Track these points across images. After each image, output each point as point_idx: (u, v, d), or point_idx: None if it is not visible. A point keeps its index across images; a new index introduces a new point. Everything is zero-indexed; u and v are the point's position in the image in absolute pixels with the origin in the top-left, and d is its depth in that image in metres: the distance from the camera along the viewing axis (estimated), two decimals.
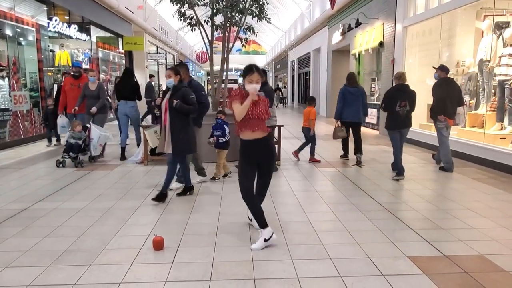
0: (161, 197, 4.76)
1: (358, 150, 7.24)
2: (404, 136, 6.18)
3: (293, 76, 29.14)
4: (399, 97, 6.01)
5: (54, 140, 9.40)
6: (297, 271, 2.96)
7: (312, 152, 7.40)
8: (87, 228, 3.87)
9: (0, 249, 3.39)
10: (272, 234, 3.43)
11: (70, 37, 12.45)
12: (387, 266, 3.05)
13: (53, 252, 3.32)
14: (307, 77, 24.61)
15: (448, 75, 6.57)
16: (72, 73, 8.10)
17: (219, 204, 4.68)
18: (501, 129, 7.22)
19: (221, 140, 5.81)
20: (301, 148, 7.55)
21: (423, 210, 4.44)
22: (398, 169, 6.08)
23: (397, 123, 6.06)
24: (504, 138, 6.93)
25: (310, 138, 7.37)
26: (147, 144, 6.99)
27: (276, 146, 7.14)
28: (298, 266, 3.04)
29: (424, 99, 9.63)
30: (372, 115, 12.95)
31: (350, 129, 7.37)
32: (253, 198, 3.49)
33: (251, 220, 3.82)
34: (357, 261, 3.14)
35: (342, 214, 4.29)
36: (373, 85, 13.80)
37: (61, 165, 6.81)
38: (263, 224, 3.44)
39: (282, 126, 7.53)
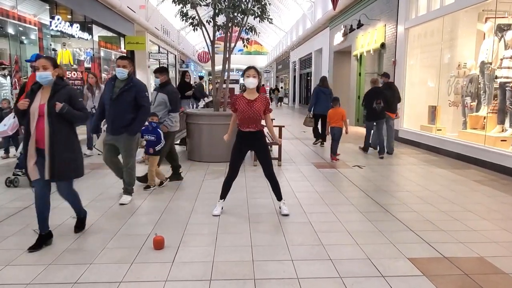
0: (44, 240, 3.40)
1: (323, 136, 9.42)
2: (381, 125, 8.02)
3: (294, 77, 29.12)
4: (375, 97, 7.87)
5: (17, 150, 7.00)
6: (297, 272, 2.97)
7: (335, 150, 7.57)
8: (88, 227, 3.87)
9: (0, 247, 3.40)
10: (219, 208, 4.31)
11: (72, 36, 12.47)
12: (387, 267, 3.05)
13: (53, 250, 3.33)
14: (309, 78, 24.59)
15: (389, 80, 8.57)
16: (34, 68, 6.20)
17: None
18: (502, 131, 7.21)
19: (157, 148, 5.04)
20: (336, 150, 7.54)
21: (424, 212, 4.44)
22: (366, 145, 8.42)
23: (374, 116, 7.98)
24: (505, 140, 6.92)
25: (339, 137, 7.46)
26: None
27: (277, 146, 7.15)
28: (298, 267, 3.05)
29: (425, 101, 9.64)
30: None
31: (320, 119, 9.40)
32: (231, 181, 4.33)
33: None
34: (357, 262, 3.14)
35: (342, 215, 4.30)
36: None
37: (12, 185, 5.33)
38: (221, 196, 4.37)
39: (283, 126, 7.55)
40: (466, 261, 3.18)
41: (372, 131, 8.37)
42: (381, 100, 7.81)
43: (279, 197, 4.39)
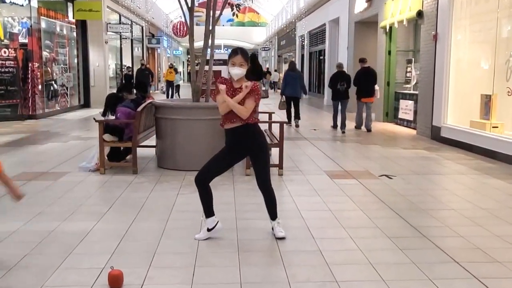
0: None
1: (296, 116, 13.21)
2: (344, 105, 12.14)
3: (302, 56, 29.22)
4: (339, 79, 12.11)
5: None
6: None
7: None
8: (21, 258, 3.86)
9: None
10: (217, 224, 4.31)
11: (3, 1, 12.46)
12: None
13: None
14: (321, 57, 24.69)
15: (366, 64, 12.38)
16: None
17: (199, 227, 4.66)
18: None
19: None
20: None
21: (473, 237, 4.45)
22: (334, 124, 12.52)
23: (338, 96, 12.21)
24: None
25: None
26: (103, 146, 6.99)
27: (278, 149, 7.15)
28: None
29: (476, 88, 9.64)
30: (407, 109, 12.98)
31: (292, 102, 13.18)
32: (206, 185, 4.29)
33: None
34: None
35: (364, 242, 4.31)
36: (408, 69, 13.81)
37: None
38: (207, 213, 4.33)
39: (285, 123, 7.55)
40: None
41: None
42: (345, 82, 11.94)
43: (273, 215, 4.42)
